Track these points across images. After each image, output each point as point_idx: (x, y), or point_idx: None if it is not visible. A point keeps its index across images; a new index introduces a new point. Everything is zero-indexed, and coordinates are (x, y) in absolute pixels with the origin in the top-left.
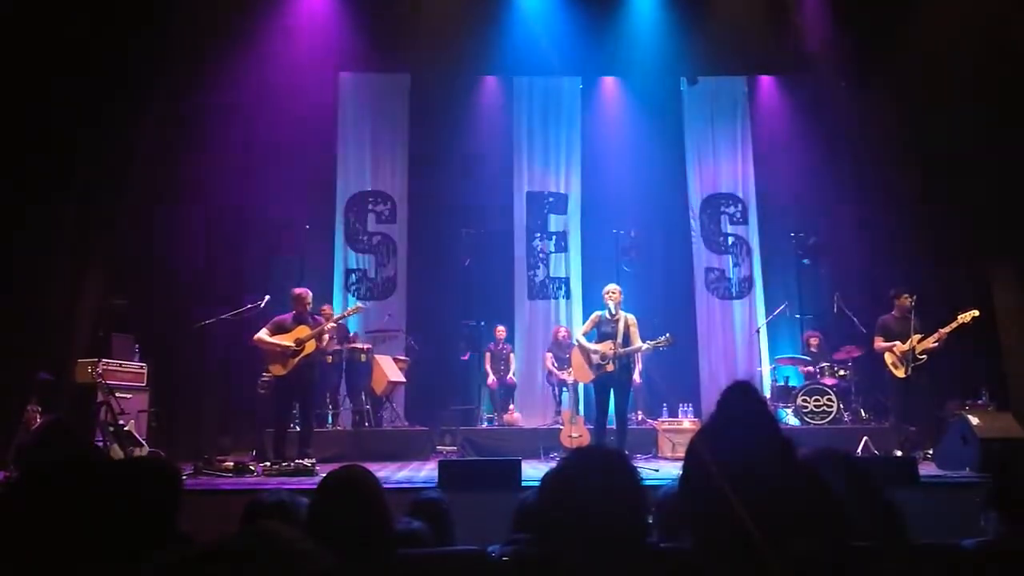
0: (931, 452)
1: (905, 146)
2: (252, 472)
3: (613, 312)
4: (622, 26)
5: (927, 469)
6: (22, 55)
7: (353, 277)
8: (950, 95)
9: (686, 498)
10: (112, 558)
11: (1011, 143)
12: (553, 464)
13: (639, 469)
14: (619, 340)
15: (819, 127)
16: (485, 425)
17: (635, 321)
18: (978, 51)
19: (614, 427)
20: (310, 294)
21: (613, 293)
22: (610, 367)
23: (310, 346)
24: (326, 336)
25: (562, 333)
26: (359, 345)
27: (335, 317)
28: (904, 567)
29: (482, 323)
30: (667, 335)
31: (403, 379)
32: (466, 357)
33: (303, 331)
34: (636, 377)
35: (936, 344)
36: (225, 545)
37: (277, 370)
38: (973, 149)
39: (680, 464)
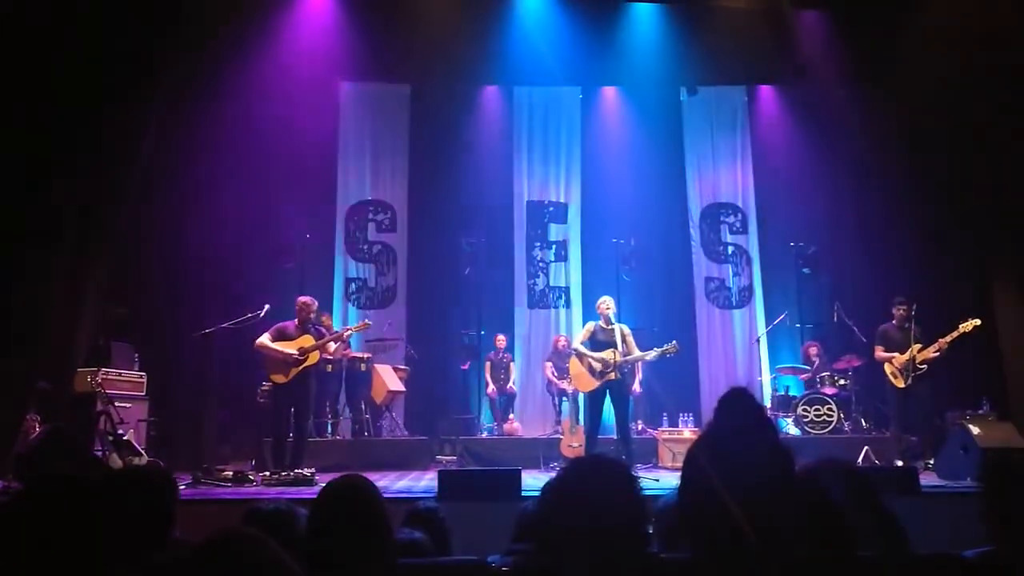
0: (932, 462)
1: (905, 155)
2: (251, 481)
3: (609, 323)
4: (622, 36)
5: (928, 479)
6: (23, 58)
7: (353, 286)
8: (950, 103)
9: (685, 507)
10: (107, 566)
11: (1012, 151)
12: (553, 474)
13: (639, 479)
14: (620, 348)
15: (819, 136)
16: (485, 435)
17: (630, 331)
18: (978, 59)
19: (615, 438)
20: (315, 303)
21: (608, 304)
22: (613, 375)
23: (313, 357)
24: (332, 346)
25: (562, 342)
26: (359, 354)
27: (343, 333)
28: None
29: (482, 332)
30: (673, 342)
31: (403, 388)
32: (466, 366)
33: (307, 341)
34: (636, 386)
35: (936, 354)
36: (204, 549)
37: (278, 378)
38: (973, 157)
39: (680, 473)
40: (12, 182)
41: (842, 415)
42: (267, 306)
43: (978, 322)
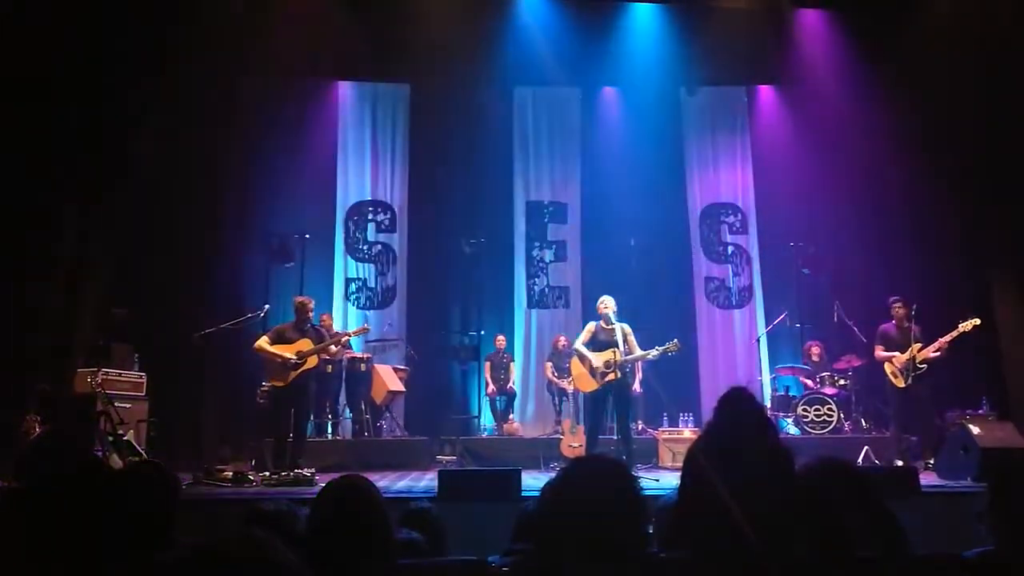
0: (932, 462)
1: (905, 154)
2: (251, 482)
3: (609, 322)
4: (622, 37)
5: (928, 479)
6: (23, 58)
7: (353, 286)
8: (950, 102)
9: (685, 506)
10: (108, 563)
11: (1011, 151)
12: (553, 474)
13: (639, 479)
14: (621, 348)
15: (819, 136)
16: (485, 435)
17: (630, 330)
18: (978, 59)
19: (616, 438)
20: (312, 302)
21: (608, 304)
22: (614, 375)
23: (312, 361)
24: (333, 348)
25: (562, 342)
26: (359, 354)
27: (341, 338)
28: None
29: (482, 332)
30: (675, 340)
31: (403, 388)
32: (465, 367)
33: (306, 344)
34: (636, 386)
35: (936, 353)
36: (207, 550)
37: (276, 382)
38: (973, 157)
39: (680, 473)
40: (12, 182)
41: (842, 415)
42: (267, 306)
43: (978, 321)
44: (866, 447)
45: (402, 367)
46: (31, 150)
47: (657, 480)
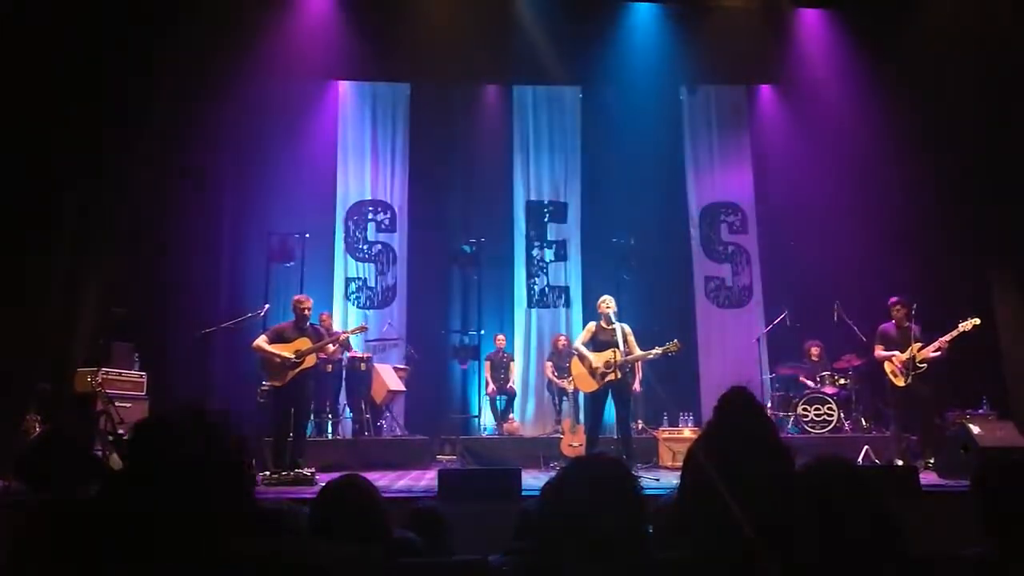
0: (932, 461)
1: (905, 154)
2: None
3: (610, 322)
4: (622, 36)
5: (928, 478)
6: (23, 58)
7: (353, 286)
8: (951, 102)
9: (685, 506)
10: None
11: (1011, 151)
12: (553, 474)
13: (639, 479)
14: (621, 348)
15: (819, 136)
16: (485, 434)
17: (631, 330)
18: (978, 58)
19: (616, 437)
20: (311, 300)
21: (609, 304)
22: (615, 375)
23: (310, 360)
24: (331, 347)
25: (562, 342)
26: (359, 354)
27: (340, 336)
28: None
29: (482, 332)
30: (675, 341)
31: (403, 388)
32: (465, 366)
33: (304, 343)
34: (636, 386)
35: (937, 353)
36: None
37: (275, 382)
38: (973, 157)
39: (680, 473)
40: (12, 182)
41: (842, 414)
42: (267, 305)
43: (978, 321)
44: (866, 446)
45: (402, 366)
46: (31, 150)
47: (657, 479)
